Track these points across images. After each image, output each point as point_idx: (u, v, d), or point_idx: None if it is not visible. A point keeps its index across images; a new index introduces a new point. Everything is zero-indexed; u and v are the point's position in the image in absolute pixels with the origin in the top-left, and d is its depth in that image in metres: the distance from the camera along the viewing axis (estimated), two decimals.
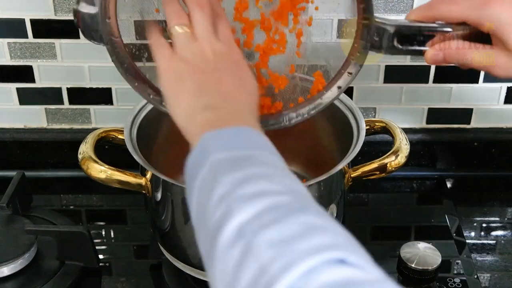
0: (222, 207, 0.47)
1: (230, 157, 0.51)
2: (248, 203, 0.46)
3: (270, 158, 0.53)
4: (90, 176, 0.79)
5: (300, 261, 0.40)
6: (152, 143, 0.86)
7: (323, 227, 0.44)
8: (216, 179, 0.49)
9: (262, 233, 0.43)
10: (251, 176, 0.49)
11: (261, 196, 0.46)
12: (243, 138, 0.54)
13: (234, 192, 0.47)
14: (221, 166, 0.50)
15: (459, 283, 0.83)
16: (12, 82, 0.98)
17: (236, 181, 0.48)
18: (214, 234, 0.46)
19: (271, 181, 0.48)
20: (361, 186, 0.89)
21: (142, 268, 0.88)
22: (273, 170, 0.51)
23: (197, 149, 0.54)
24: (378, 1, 0.92)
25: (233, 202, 0.46)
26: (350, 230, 0.94)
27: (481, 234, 0.94)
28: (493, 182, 1.04)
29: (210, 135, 0.54)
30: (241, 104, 0.60)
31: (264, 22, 0.72)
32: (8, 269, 0.80)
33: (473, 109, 1.02)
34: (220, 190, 0.48)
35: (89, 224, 0.96)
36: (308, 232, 0.43)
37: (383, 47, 0.69)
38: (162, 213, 0.79)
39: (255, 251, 0.42)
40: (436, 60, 0.68)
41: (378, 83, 0.99)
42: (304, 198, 0.49)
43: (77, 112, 1.01)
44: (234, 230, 0.45)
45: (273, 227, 0.43)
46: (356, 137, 0.80)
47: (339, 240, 0.43)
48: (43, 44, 0.95)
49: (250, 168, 0.50)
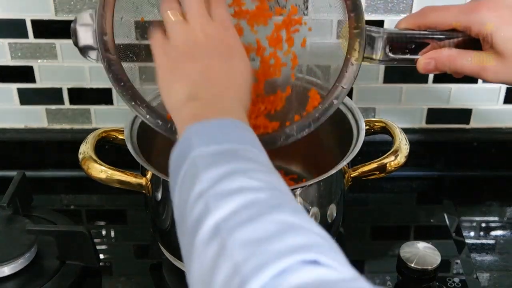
0: (200, 203, 0.47)
1: (212, 152, 0.51)
2: (226, 200, 0.46)
3: (252, 152, 0.52)
4: (91, 176, 0.79)
5: (272, 261, 0.40)
6: (152, 143, 0.86)
7: (298, 226, 0.44)
8: (197, 175, 0.49)
9: (237, 232, 0.43)
10: (231, 172, 0.48)
11: (238, 192, 0.46)
12: (226, 131, 0.53)
13: (213, 188, 0.47)
14: (202, 162, 0.50)
15: (458, 283, 0.83)
16: (13, 82, 0.98)
17: (216, 177, 0.48)
18: (193, 231, 0.46)
19: (250, 177, 0.48)
20: (360, 186, 0.90)
21: (142, 268, 0.88)
22: (253, 165, 0.50)
23: (180, 142, 0.53)
24: (378, 2, 0.92)
25: (211, 199, 0.46)
26: (350, 230, 0.94)
27: (481, 234, 0.94)
28: (492, 182, 1.04)
29: (193, 128, 0.53)
30: (228, 93, 0.59)
31: (259, 48, 0.73)
32: (8, 269, 0.81)
33: (472, 110, 1.02)
34: (199, 187, 0.48)
35: (90, 224, 0.96)
36: (282, 231, 0.43)
37: (376, 57, 0.70)
38: (162, 213, 0.79)
39: (229, 251, 0.42)
40: (428, 68, 0.69)
41: (377, 83, 0.99)
42: (282, 195, 0.48)
43: (77, 112, 1.01)
44: (210, 228, 0.45)
45: (248, 226, 0.43)
46: (355, 137, 0.81)
47: (313, 240, 0.43)
48: (43, 45, 0.95)
49: (230, 163, 0.49)
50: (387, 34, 0.69)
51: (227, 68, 0.61)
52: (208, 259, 0.43)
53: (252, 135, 0.55)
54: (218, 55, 0.61)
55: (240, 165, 0.50)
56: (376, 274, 0.85)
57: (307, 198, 0.76)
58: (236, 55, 0.63)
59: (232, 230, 0.43)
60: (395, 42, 0.69)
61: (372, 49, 0.69)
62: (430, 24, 0.67)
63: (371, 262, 0.89)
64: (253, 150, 0.53)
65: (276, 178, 0.50)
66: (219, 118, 0.55)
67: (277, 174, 0.52)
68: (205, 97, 0.58)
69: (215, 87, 0.59)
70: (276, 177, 0.51)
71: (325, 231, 0.45)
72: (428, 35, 0.68)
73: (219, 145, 0.51)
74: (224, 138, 0.52)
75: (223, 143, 0.52)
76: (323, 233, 0.45)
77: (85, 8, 0.92)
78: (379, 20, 0.93)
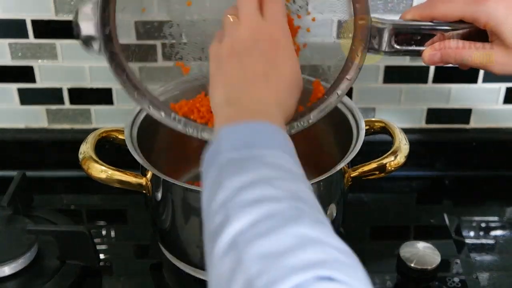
0: (221, 213, 0.47)
1: (238, 158, 0.50)
2: (245, 211, 0.45)
3: (280, 157, 0.51)
4: (91, 176, 0.79)
5: (286, 277, 0.40)
6: (152, 143, 0.86)
7: (316, 240, 0.43)
8: (221, 182, 0.49)
9: (253, 245, 0.43)
10: (254, 180, 0.48)
11: (259, 203, 0.46)
12: (256, 135, 0.52)
13: (235, 197, 0.47)
14: (227, 168, 0.50)
15: (458, 283, 0.83)
16: (13, 82, 0.98)
17: (239, 185, 0.48)
18: (213, 240, 0.46)
19: (272, 186, 0.48)
20: (360, 186, 0.90)
21: (143, 267, 0.89)
22: (278, 172, 0.50)
23: (211, 145, 0.53)
24: (377, 2, 0.92)
25: (231, 209, 0.46)
26: (350, 230, 0.94)
27: (480, 234, 0.94)
28: (492, 182, 1.04)
29: (223, 131, 0.53)
30: (267, 95, 0.58)
31: None
32: (9, 269, 0.81)
33: (472, 109, 1.02)
34: (222, 195, 0.48)
35: (90, 224, 0.96)
36: (298, 246, 0.42)
37: (382, 48, 0.69)
38: (163, 212, 0.79)
39: (244, 264, 0.42)
40: (434, 60, 0.68)
41: (377, 83, 0.99)
42: (304, 205, 0.47)
43: (77, 112, 1.01)
44: (228, 240, 0.44)
45: (264, 239, 0.43)
46: (355, 137, 0.81)
47: (330, 255, 0.42)
48: (44, 45, 0.95)
49: (255, 171, 0.49)
50: (392, 25, 0.68)
51: (269, 68, 0.59)
52: (225, 271, 0.43)
53: (284, 138, 0.54)
54: (260, 55, 0.60)
55: (265, 172, 0.49)
56: (376, 274, 0.86)
57: None
58: (280, 54, 0.61)
59: (249, 243, 0.43)
60: (401, 34, 0.68)
61: (377, 41, 0.69)
62: (436, 16, 0.67)
63: (371, 262, 0.89)
64: (282, 155, 0.52)
65: (301, 186, 0.50)
66: (251, 121, 0.54)
67: (303, 180, 0.51)
68: (241, 100, 0.57)
69: (253, 90, 0.58)
70: (302, 184, 0.50)
71: (346, 245, 0.44)
72: (435, 27, 0.67)
73: (247, 150, 0.51)
74: (253, 143, 0.52)
75: (251, 147, 0.51)
76: (343, 247, 0.44)
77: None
78: None
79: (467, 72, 0.73)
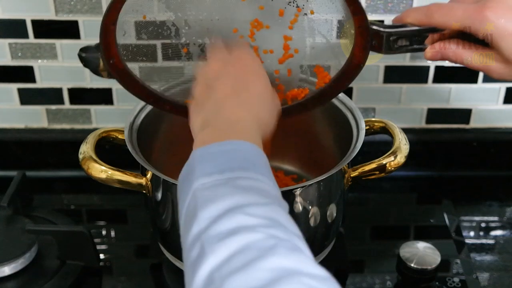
0: (197, 246, 0.47)
1: (212, 184, 0.51)
2: (220, 244, 0.46)
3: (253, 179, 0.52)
4: (91, 176, 0.79)
5: None
6: (152, 143, 0.86)
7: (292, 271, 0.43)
8: (195, 213, 0.49)
9: (229, 281, 0.43)
10: (228, 209, 0.48)
11: (234, 234, 0.46)
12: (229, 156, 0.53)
13: (208, 230, 0.47)
14: (201, 197, 0.50)
15: (458, 283, 0.83)
16: (13, 82, 0.98)
17: (212, 216, 0.48)
18: (192, 272, 0.46)
19: (246, 213, 0.48)
20: (360, 186, 0.90)
21: (143, 267, 0.89)
22: (253, 197, 0.50)
23: (184, 167, 0.55)
24: (377, 2, 0.92)
25: (207, 242, 0.46)
26: (350, 230, 0.94)
27: (480, 234, 0.94)
28: (492, 182, 1.04)
29: (197, 153, 0.54)
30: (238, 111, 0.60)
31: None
32: (9, 269, 0.81)
33: (472, 110, 1.02)
34: (196, 227, 0.48)
35: (90, 224, 0.96)
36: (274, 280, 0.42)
37: (382, 47, 0.69)
38: (163, 212, 0.80)
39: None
40: (436, 58, 0.68)
41: (377, 83, 0.99)
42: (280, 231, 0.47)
43: (77, 112, 1.01)
44: (205, 276, 0.44)
45: (240, 274, 0.43)
46: (355, 137, 0.81)
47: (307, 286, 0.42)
48: (44, 45, 0.95)
49: (229, 198, 0.49)
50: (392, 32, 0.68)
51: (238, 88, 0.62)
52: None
53: (258, 156, 0.54)
54: (228, 77, 0.62)
55: (238, 199, 0.49)
56: (376, 274, 0.86)
57: (307, 198, 0.76)
58: (250, 73, 0.64)
59: (225, 279, 0.43)
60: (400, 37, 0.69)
61: (379, 41, 0.69)
62: (435, 25, 0.67)
63: (371, 262, 0.90)
64: (255, 176, 0.52)
65: (277, 209, 0.50)
66: (224, 142, 0.55)
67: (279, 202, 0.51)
68: (215, 122, 0.59)
69: (225, 109, 0.60)
70: (277, 207, 0.50)
71: (324, 270, 0.44)
72: (434, 30, 0.68)
73: (219, 175, 0.51)
74: (226, 165, 0.52)
75: (224, 171, 0.52)
76: (321, 274, 0.43)
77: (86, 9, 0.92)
78: (379, 20, 0.93)
79: (467, 72, 0.73)
